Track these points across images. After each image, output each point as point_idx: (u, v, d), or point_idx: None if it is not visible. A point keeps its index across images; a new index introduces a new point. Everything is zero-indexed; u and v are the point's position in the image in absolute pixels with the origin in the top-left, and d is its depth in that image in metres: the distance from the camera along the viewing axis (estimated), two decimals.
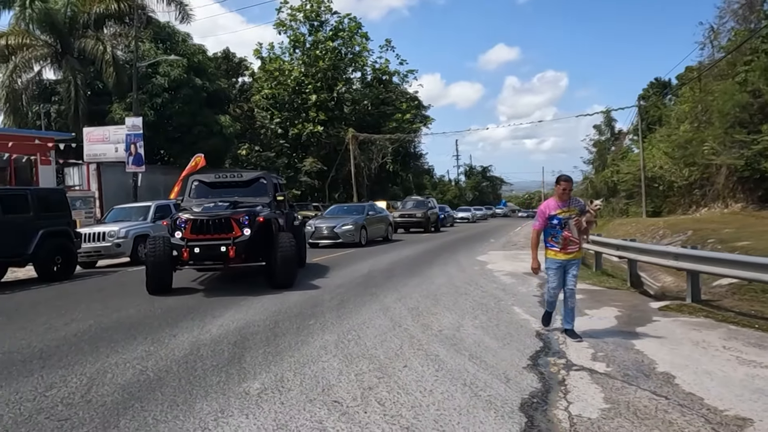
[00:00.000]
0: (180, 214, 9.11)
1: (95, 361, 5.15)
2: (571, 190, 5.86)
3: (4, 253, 10.38)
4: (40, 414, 3.87)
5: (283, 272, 8.91)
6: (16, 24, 27.84)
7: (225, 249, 8.57)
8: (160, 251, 8.53)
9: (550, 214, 5.80)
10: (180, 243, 8.61)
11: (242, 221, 8.78)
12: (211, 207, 9.23)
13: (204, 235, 8.69)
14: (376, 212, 21.24)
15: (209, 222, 8.74)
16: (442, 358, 5.14)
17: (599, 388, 4.36)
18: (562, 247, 5.80)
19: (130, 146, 22.27)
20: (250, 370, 4.81)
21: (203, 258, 8.85)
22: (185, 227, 8.72)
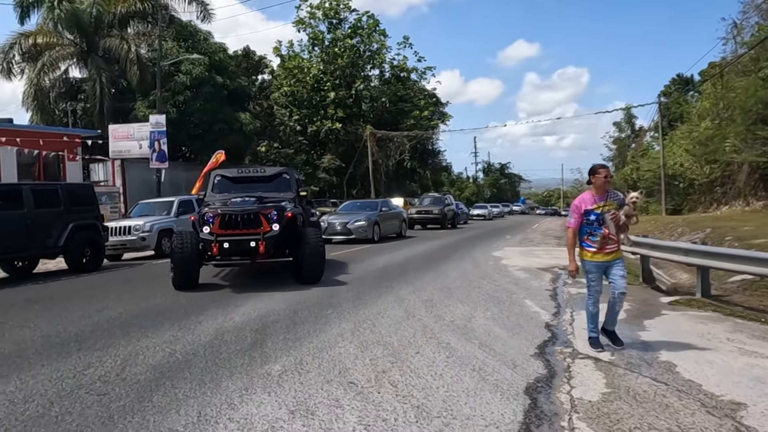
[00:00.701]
0: (207, 208, 9.03)
1: (127, 344, 5.51)
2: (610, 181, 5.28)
3: (37, 246, 10.86)
4: (80, 389, 4.21)
5: (311, 267, 8.88)
6: (44, 24, 28.60)
7: (254, 244, 8.54)
8: (188, 247, 8.43)
9: (585, 210, 5.22)
10: (209, 238, 8.54)
11: (271, 216, 8.75)
12: (238, 202, 9.19)
13: (233, 230, 8.64)
14: (390, 209, 21.22)
15: (238, 217, 8.68)
16: (453, 346, 5.39)
17: (602, 375, 4.58)
18: (599, 247, 5.25)
19: (154, 143, 22.84)
20: (271, 354, 5.12)
21: (232, 253, 8.79)
22: (213, 222, 8.65)
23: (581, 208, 5.25)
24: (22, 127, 22.55)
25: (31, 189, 11.06)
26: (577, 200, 5.36)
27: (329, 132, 41.38)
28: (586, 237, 5.31)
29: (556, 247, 17.26)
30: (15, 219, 10.33)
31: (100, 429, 3.48)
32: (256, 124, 32.80)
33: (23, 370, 4.71)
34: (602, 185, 5.21)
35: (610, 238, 5.22)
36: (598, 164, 5.41)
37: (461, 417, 3.66)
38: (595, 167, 5.32)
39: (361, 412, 3.74)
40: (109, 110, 27.67)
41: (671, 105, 44.96)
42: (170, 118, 26.53)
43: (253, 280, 10.09)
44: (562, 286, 9.33)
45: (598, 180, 5.23)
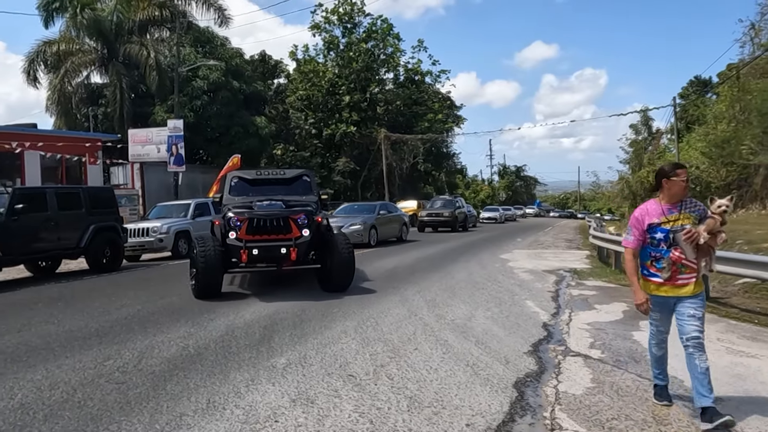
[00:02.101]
0: (232, 212, 8.38)
1: (144, 338, 5.87)
2: None
3: (60, 246, 11.34)
4: (100, 378, 4.57)
5: (341, 275, 8.49)
6: (66, 31, 29.43)
7: (285, 251, 8.06)
8: (211, 253, 7.90)
9: (650, 225, 3.84)
10: (237, 244, 8.00)
11: (301, 221, 8.28)
12: (264, 205, 8.64)
13: (261, 236, 8.11)
14: (389, 211, 20.47)
15: (267, 222, 8.18)
16: (450, 343, 5.66)
17: (589, 371, 4.83)
18: (669, 277, 3.80)
19: (172, 147, 23.41)
20: (277, 348, 5.44)
21: (261, 260, 8.32)
22: (241, 227, 8.09)
23: (643, 222, 3.88)
24: (45, 132, 23.29)
25: (54, 192, 11.55)
26: (638, 211, 4.01)
27: (344, 135, 41.79)
28: (650, 262, 3.89)
29: (565, 250, 17.42)
30: (40, 221, 10.80)
31: (118, 413, 3.82)
32: (271, 128, 33.32)
33: (49, 361, 5.08)
34: (679, 192, 3.81)
35: (685, 264, 3.79)
36: (673, 163, 4.25)
37: (450, 407, 3.94)
38: (670, 167, 3.90)
39: (357, 401, 4.04)
40: (129, 115, 28.39)
41: (688, 107, 44.62)
42: (188, 122, 27.14)
43: (264, 282, 10.42)
44: (565, 287, 9.54)
45: (674, 185, 3.80)
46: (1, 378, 4.61)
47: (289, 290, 9.01)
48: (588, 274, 11.18)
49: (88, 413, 3.82)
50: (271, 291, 8.99)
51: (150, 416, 3.75)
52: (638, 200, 46.69)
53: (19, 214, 10.27)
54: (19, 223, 10.30)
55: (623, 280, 10.37)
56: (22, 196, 10.57)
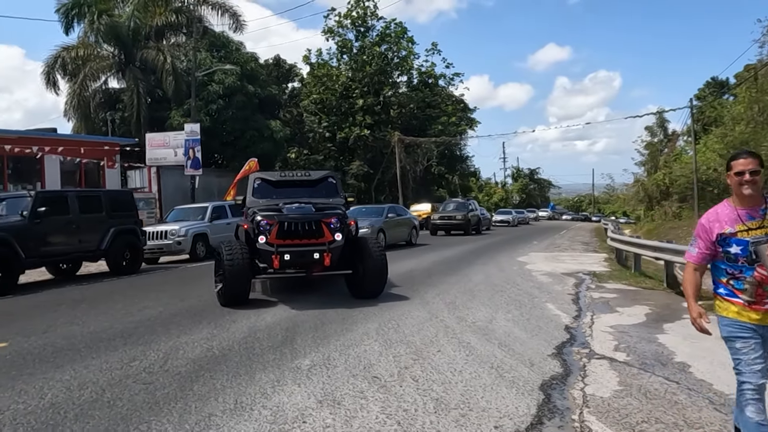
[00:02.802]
0: (260, 215, 7.96)
1: (168, 340, 5.92)
2: None
3: (82, 248, 11.47)
4: (128, 379, 4.61)
5: (373, 281, 8.18)
6: (85, 37, 29.82)
7: (319, 256, 7.68)
8: (239, 258, 7.52)
9: (721, 235, 2.96)
10: (268, 249, 7.62)
11: (333, 225, 7.92)
12: (294, 208, 8.16)
13: (292, 240, 7.73)
14: (397, 214, 19.96)
15: (298, 225, 7.77)
16: (473, 346, 5.64)
17: (615, 374, 4.78)
18: (753, 299, 2.90)
19: (189, 150, 23.59)
20: (300, 350, 5.46)
21: (293, 265, 7.96)
22: (271, 231, 7.69)
23: (712, 231, 3.00)
24: (65, 137, 23.58)
25: (76, 195, 11.70)
26: (705, 217, 3.10)
27: (357, 138, 41.86)
28: (727, 280, 3.03)
29: (582, 253, 17.29)
30: (61, 224, 10.94)
31: (147, 413, 3.85)
32: (286, 132, 33.45)
33: (76, 362, 5.14)
34: (742, 193, 2.92)
35: None
36: (745, 150, 3.18)
37: (477, 409, 3.92)
38: (731, 157, 3.07)
39: (383, 402, 4.03)
40: (146, 119, 28.65)
41: (705, 108, 44.16)
42: (203, 126, 27.31)
43: (282, 285, 10.45)
44: (585, 290, 9.47)
45: (732, 183, 2.99)
46: (31, 378, 4.67)
47: (309, 293, 9.03)
48: (607, 277, 11.08)
49: (117, 413, 3.85)
50: (291, 293, 9.02)
51: (179, 416, 3.78)
52: (654, 203, 46.44)
53: (42, 217, 10.41)
54: (41, 225, 10.43)
55: (644, 283, 10.29)
56: (44, 200, 10.71)
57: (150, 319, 7.06)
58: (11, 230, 9.98)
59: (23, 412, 3.90)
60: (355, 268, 8.29)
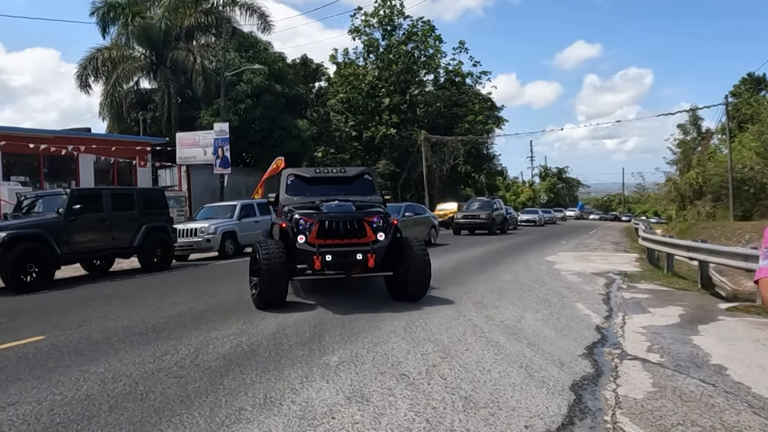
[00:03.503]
0: (298, 213, 7.59)
1: (198, 335, 6.00)
2: None
3: (115, 245, 11.74)
4: (160, 372, 4.69)
5: (417, 283, 7.73)
6: (118, 39, 30.50)
7: (362, 256, 7.30)
8: (276, 259, 7.08)
9: None
10: (309, 249, 7.24)
11: (375, 224, 7.56)
12: (333, 206, 7.82)
13: (333, 240, 7.39)
14: (415, 213, 19.33)
15: (340, 224, 7.43)
16: (501, 345, 5.58)
17: (649, 375, 4.68)
18: None
19: (218, 149, 23.94)
20: (328, 346, 5.48)
21: (334, 267, 7.63)
22: (311, 230, 7.34)
23: None
24: (98, 136, 24.17)
25: (109, 193, 11.99)
26: None
27: (384, 137, 41.91)
28: None
29: (612, 253, 17.00)
30: (95, 221, 11.21)
31: (179, 406, 3.91)
32: (313, 131, 33.67)
33: (110, 355, 5.25)
34: None
35: None
36: None
37: (507, 408, 3.88)
38: None
39: (412, 400, 4.02)
40: (176, 119, 29.18)
41: (741, 105, 42.99)
42: (232, 125, 27.68)
43: (311, 283, 10.48)
44: (616, 290, 9.30)
45: None
46: (67, 370, 4.79)
47: (337, 291, 9.06)
48: (639, 277, 10.87)
49: (150, 405, 3.92)
50: (319, 292, 9.06)
51: (210, 410, 3.83)
52: (686, 202, 45.35)
53: (77, 214, 10.68)
54: (76, 222, 10.71)
55: (677, 284, 10.06)
56: (79, 197, 10.99)
57: (180, 315, 7.18)
58: (47, 227, 10.26)
59: (60, 403, 4.00)
60: (396, 269, 7.85)
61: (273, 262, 7.07)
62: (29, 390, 4.30)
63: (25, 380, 4.54)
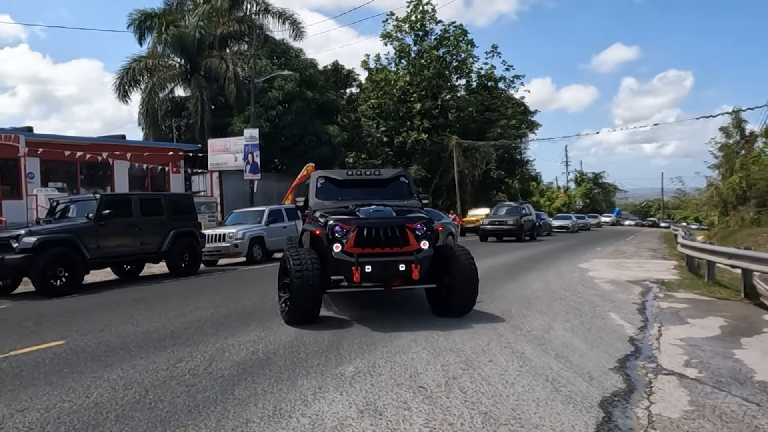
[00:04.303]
0: (333, 219, 6.90)
1: (216, 341, 5.91)
2: None
3: (143, 250, 11.85)
4: (172, 380, 4.59)
5: (464, 295, 6.99)
6: (153, 48, 31.19)
7: (405, 267, 6.57)
8: (309, 270, 6.43)
9: None
10: (347, 259, 6.55)
11: (418, 230, 6.87)
12: (371, 211, 7.12)
13: (373, 249, 6.69)
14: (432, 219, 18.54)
15: (380, 231, 6.73)
16: (527, 356, 5.31)
17: (686, 392, 4.35)
18: None
19: (248, 156, 24.16)
20: (345, 356, 5.30)
21: (374, 279, 6.84)
22: (348, 237, 6.66)
23: None
24: (132, 143, 24.69)
25: (138, 198, 12.12)
26: None
27: (415, 142, 41.71)
28: None
29: (649, 260, 16.39)
30: (124, 226, 11.34)
31: (186, 416, 3.79)
32: (343, 136, 33.74)
33: (125, 361, 5.20)
34: None
35: None
36: None
37: (529, 426, 3.63)
38: None
39: (428, 415, 3.80)
40: (209, 125, 29.63)
41: None
42: (263, 131, 27.97)
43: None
44: (652, 299, 8.87)
45: None
46: (80, 376, 4.74)
47: (357, 298, 8.88)
48: (677, 286, 10.37)
49: (157, 415, 3.81)
50: (339, 299, 8.90)
51: (216, 421, 3.69)
52: (729, 208, 43.72)
53: (106, 220, 10.81)
54: (105, 227, 10.84)
55: (718, 293, 9.54)
56: (108, 203, 11.13)
57: (201, 320, 7.12)
58: (77, 232, 10.41)
59: (68, 410, 3.93)
60: (439, 281, 7.10)
61: (306, 273, 6.41)
62: (40, 396, 4.25)
63: (38, 386, 4.51)
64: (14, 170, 19.04)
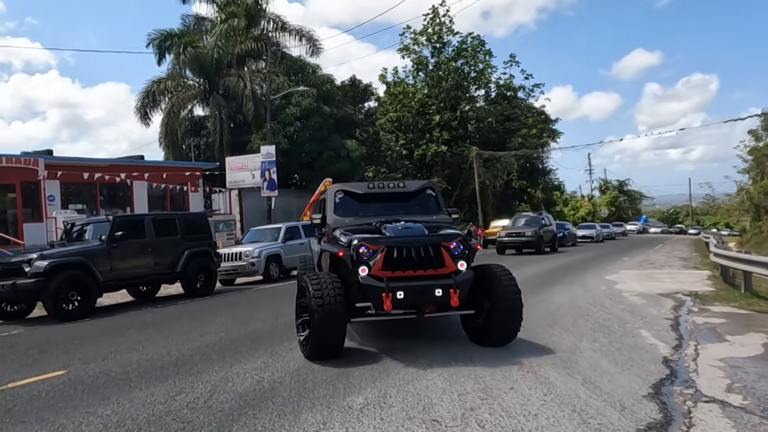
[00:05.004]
0: (356, 238, 6.10)
1: (220, 369, 5.62)
2: None
3: (158, 271, 11.69)
4: (168, 416, 4.30)
5: (507, 324, 6.17)
6: (172, 69, 31.54)
7: (442, 293, 5.77)
8: (331, 297, 5.62)
9: None
10: (376, 284, 5.74)
11: (455, 250, 6.07)
12: (400, 228, 6.31)
13: (404, 271, 5.89)
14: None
15: (412, 251, 5.92)
16: (552, 382, 4.90)
17: (731, 423, 3.91)
18: None
19: (265, 172, 24.10)
20: (356, 384, 4.95)
21: (406, 306, 5.96)
22: (375, 259, 5.88)
23: None
24: (150, 163, 24.83)
25: (152, 219, 12.00)
26: None
27: (435, 155, 41.37)
28: None
29: (681, 270, 15.72)
30: (138, 247, 11.20)
31: None
32: (362, 151, 33.58)
33: (123, 393, 4.93)
34: None
35: None
36: None
37: None
38: None
39: None
40: (228, 143, 29.74)
41: None
42: (282, 148, 27.96)
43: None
44: (686, 314, 8.34)
45: None
46: (74, 412, 4.48)
47: (370, 320, 8.53)
48: (712, 298, 9.80)
49: None
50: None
51: None
52: (762, 213, 42.35)
53: (119, 241, 10.68)
54: (118, 249, 10.70)
55: (757, 305, 8.96)
56: (121, 224, 11.01)
57: (209, 346, 6.85)
58: (90, 254, 10.29)
59: None
60: (478, 307, 6.27)
61: (328, 301, 5.60)
62: None
63: (27, 423, 4.27)
64: (35, 193, 19.24)
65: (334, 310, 5.60)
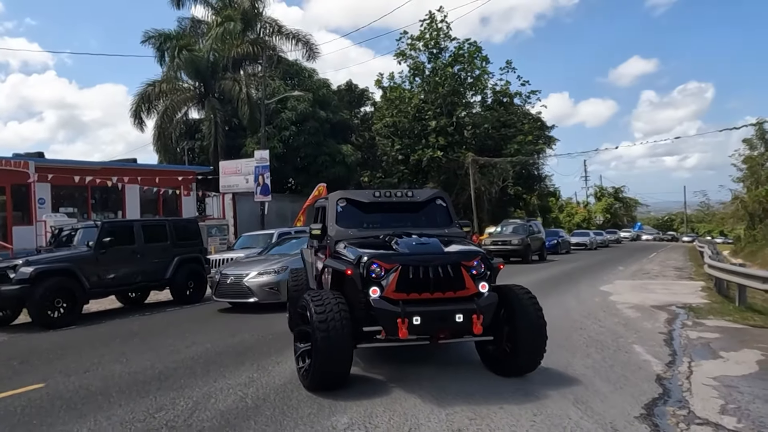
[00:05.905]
0: (366, 254, 5.44)
1: (204, 385, 5.47)
2: None
3: (146, 278, 11.50)
4: None
5: (530, 351, 5.55)
6: (167, 72, 31.36)
7: (463, 318, 5.13)
8: (336, 322, 4.99)
9: None
10: (391, 308, 5.08)
11: (474, 270, 5.44)
12: (413, 243, 5.65)
13: (420, 294, 5.24)
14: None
15: (428, 270, 5.27)
16: (542, 401, 4.80)
17: None
18: None
19: (259, 177, 23.92)
20: (341, 403, 4.82)
21: (423, 333, 5.31)
22: (389, 279, 5.22)
23: None
24: (143, 167, 24.60)
25: (141, 225, 11.81)
26: None
27: (431, 160, 41.26)
28: None
29: (675, 281, 15.64)
30: (126, 253, 11.00)
31: None
32: (358, 155, 33.48)
33: (101, 410, 4.79)
34: None
35: None
36: None
37: None
38: None
39: None
40: (223, 147, 29.56)
41: None
42: (277, 152, 27.77)
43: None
44: (679, 328, 8.25)
45: None
46: (48, 429, 4.35)
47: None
48: (707, 312, 9.71)
49: None
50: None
51: None
52: (756, 221, 42.42)
53: (107, 247, 10.49)
54: (106, 255, 10.51)
55: (752, 320, 8.88)
56: (110, 230, 10.82)
57: (194, 358, 6.70)
58: (76, 261, 10.11)
59: None
60: (498, 332, 5.62)
61: (332, 327, 4.95)
62: None
63: None
64: (25, 196, 19.01)
65: (341, 336, 4.98)
